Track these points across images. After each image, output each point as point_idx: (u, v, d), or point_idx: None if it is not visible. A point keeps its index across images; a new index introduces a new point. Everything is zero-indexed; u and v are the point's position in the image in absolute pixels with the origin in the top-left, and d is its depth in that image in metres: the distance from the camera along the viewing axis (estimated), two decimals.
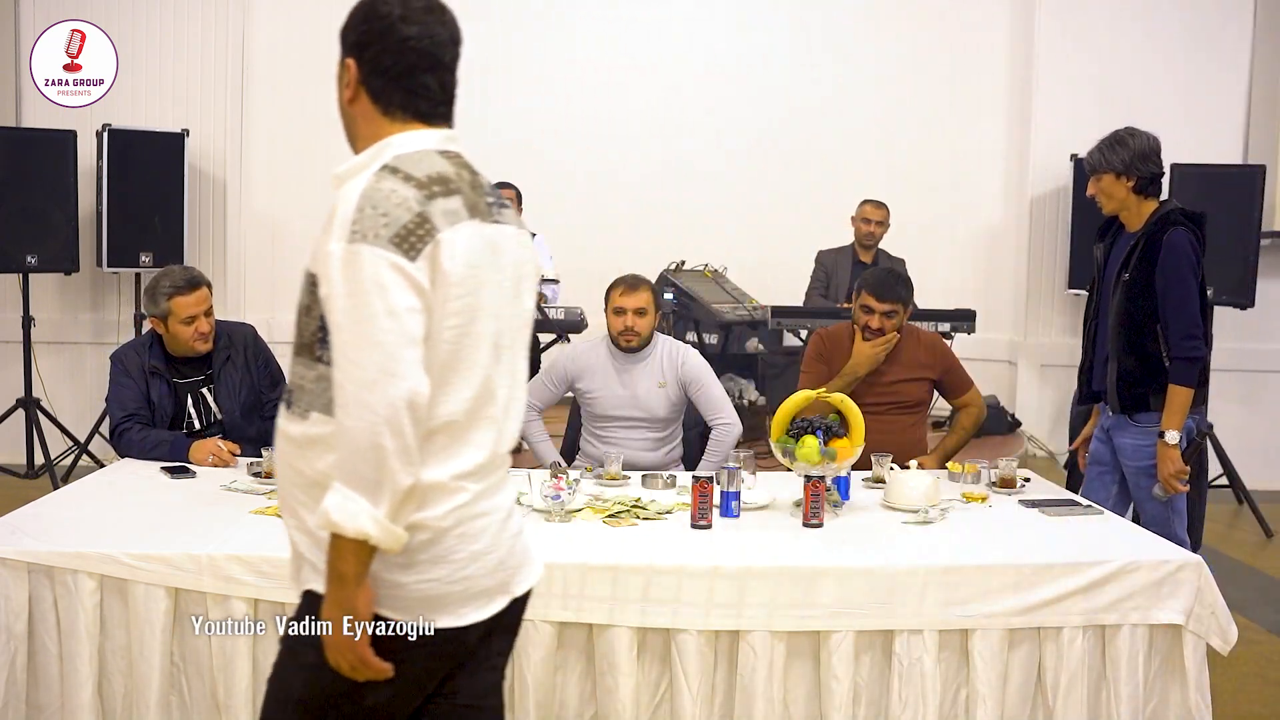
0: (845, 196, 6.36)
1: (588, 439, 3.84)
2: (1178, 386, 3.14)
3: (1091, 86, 6.59)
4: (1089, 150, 3.27)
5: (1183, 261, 3.13)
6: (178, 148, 6.11)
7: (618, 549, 2.51)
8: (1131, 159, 3.16)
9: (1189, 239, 3.15)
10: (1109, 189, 3.22)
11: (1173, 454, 3.14)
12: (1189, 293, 3.13)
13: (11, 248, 5.63)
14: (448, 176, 1.62)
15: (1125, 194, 3.20)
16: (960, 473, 3.25)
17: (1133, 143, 3.18)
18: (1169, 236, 3.14)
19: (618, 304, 3.71)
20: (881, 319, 3.62)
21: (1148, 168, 3.18)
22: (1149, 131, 3.24)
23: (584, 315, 5.60)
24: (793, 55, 7.27)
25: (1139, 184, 3.19)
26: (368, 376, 1.48)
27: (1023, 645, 2.45)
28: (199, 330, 3.38)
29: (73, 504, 2.83)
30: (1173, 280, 3.13)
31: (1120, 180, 3.19)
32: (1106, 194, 3.23)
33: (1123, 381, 3.23)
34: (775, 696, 2.38)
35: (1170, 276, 3.13)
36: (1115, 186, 3.20)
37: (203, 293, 3.41)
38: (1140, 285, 3.17)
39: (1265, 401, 6.53)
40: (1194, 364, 3.13)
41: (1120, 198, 3.21)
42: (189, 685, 2.41)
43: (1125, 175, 3.18)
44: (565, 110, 7.25)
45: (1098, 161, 3.22)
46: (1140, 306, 3.17)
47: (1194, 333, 3.13)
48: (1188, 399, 3.14)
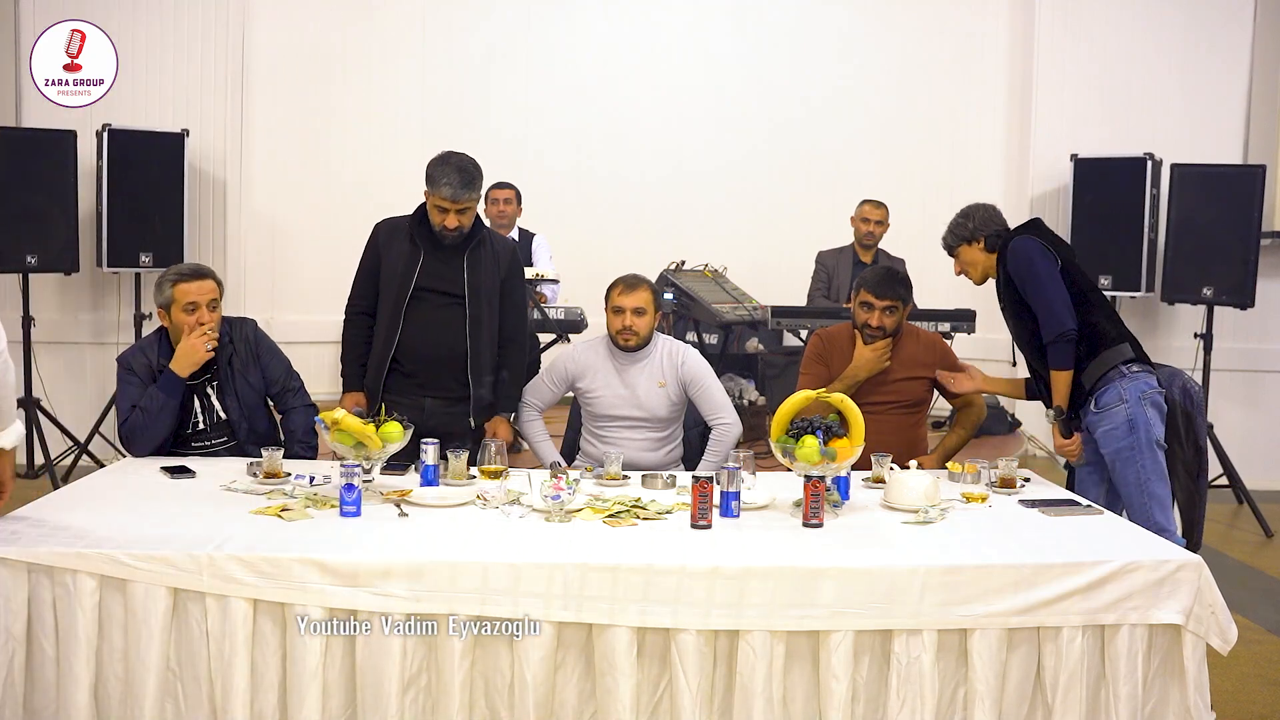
0: (845, 196, 6.36)
1: (588, 439, 3.84)
2: (1056, 371, 3.33)
3: (1092, 86, 6.60)
4: (941, 238, 3.58)
5: (1024, 260, 3.34)
6: (178, 148, 6.11)
7: (618, 549, 2.50)
8: (976, 225, 3.49)
9: (1024, 240, 3.38)
10: (969, 258, 3.52)
11: (1053, 432, 3.42)
12: (1041, 282, 3.31)
13: (11, 248, 5.63)
14: None
15: (983, 256, 3.49)
16: (960, 473, 3.25)
17: (976, 214, 3.51)
18: (1005, 251, 3.40)
19: (617, 303, 3.72)
20: (881, 315, 3.62)
21: (990, 227, 3.48)
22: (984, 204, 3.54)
23: (584, 315, 5.61)
24: (793, 56, 7.28)
25: (988, 242, 3.47)
26: None
27: (1022, 645, 2.45)
28: (199, 319, 3.37)
29: (73, 504, 2.83)
30: (1023, 279, 3.34)
31: (973, 246, 3.50)
32: (970, 264, 3.53)
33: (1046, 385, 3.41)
34: (774, 696, 2.38)
35: (1021, 279, 3.35)
36: (971, 252, 3.51)
37: (208, 284, 3.40)
38: (1013, 303, 3.41)
39: (1265, 401, 6.53)
40: (1061, 343, 3.30)
41: (981, 261, 3.50)
42: (185, 690, 2.40)
43: (973, 240, 3.49)
44: (566, 110, 7.26)
45: (950, 241, 3.54)
46: (1028, 319, 3.38)
47: (1056, 315, 3.29)
48: (1067, 380, 3.33)
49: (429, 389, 3.53)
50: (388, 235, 3.60)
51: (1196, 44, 6.59)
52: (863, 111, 7.25)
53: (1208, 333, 5.87)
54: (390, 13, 7.11)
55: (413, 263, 3.52)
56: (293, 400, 3.59)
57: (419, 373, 3.54)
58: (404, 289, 3.51)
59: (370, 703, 2.37)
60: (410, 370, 3.54)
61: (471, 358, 3.54)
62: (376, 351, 3.57)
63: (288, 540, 2.50)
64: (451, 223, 3.46)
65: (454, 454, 3.09)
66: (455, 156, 3.46)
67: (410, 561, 2.38)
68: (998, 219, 3.51)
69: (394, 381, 3.55)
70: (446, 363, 3.54)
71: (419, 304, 3.53)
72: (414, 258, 3.52)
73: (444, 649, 2.37)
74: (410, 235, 3.54)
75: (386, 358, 3.54)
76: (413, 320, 3.53)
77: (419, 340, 3.53)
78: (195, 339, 3.33)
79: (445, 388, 3.54)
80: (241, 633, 2.36)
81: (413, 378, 3.54)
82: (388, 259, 3.56)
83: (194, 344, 3.33)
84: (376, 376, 3.55)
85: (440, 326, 3.53)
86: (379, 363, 3.55)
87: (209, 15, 6.48)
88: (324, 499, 2.84)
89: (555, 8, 7.30)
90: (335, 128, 7.03)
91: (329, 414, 2.92)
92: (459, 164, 3.43)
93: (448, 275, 3.52)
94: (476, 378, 3.56)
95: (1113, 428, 3.27)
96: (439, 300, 3.53)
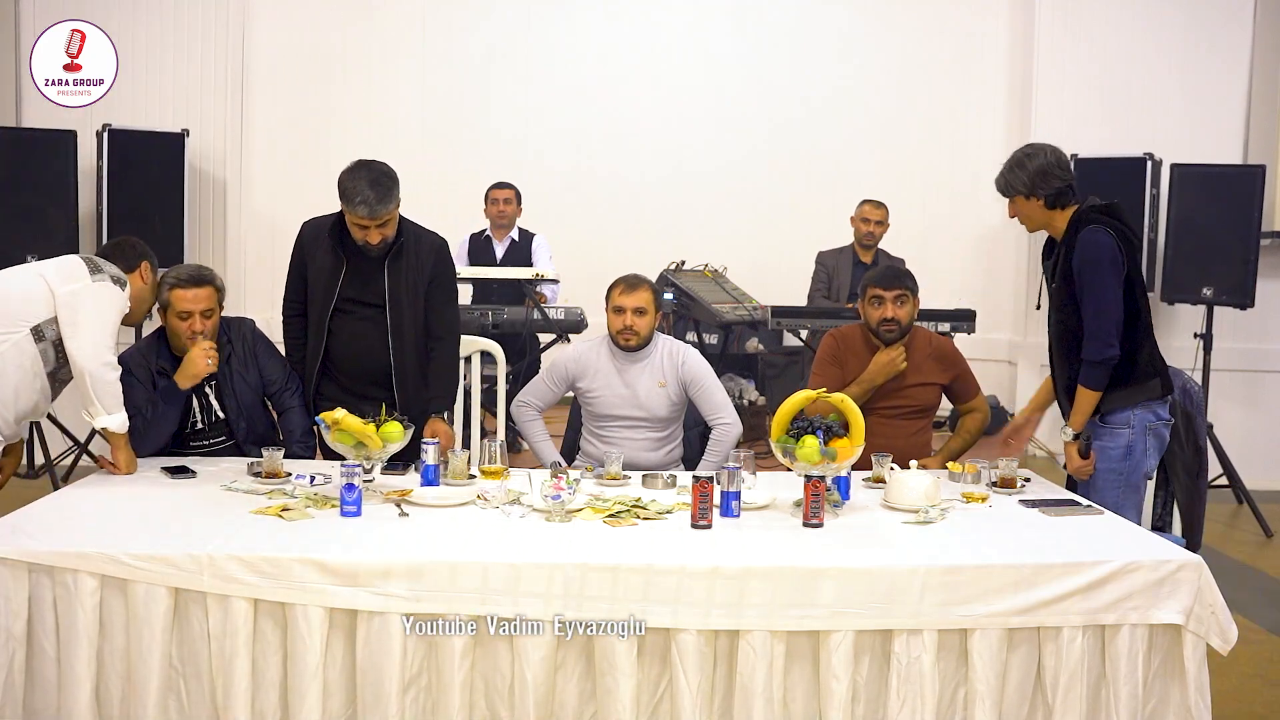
0: (845, 196, 6.37)
1: (588, 439, 3.84)
2: (1085, 389, 3.16)
3: (1092, 86, 6.60)
4: (996, 176, 3.27)
5: (1093, 259, 3.10)
6: (178, 148, 6.11)
7: (618, 549, 2.50)
8: (1032, 179, 3.17)
9: (1101, 234, 3.11)
10: (1025, 210, 3.23)
11: (1069, 450, 3.22)
12: (1101, 292, 3.10)
13: (11, 248, 5.63)
14: None
15: (1041, 212, 3.21)
16: (960, 473, 3.25)
17: (1031, 163, 3.18)
18: (1081, 236, 3.13)
19: (617, 303, 3.72)
20: (894, 306, 3.61)
21: (1051, 184, 3.17)
22: (1049, 145, 3.25)
23: (584, 315, 5.61)
24: (793, 56, 7.28)
25: (1049, 200, 3.18)
26: None
27: (1022, 645, 2.45)
28: (191, 328, 3.36)
29: (73, 504, 2.83)
30: (1085, 280, 3.13)
31: (1031, 200, 3.20)
32: (1025, 215, 3.25)
33: (1068, 394, 3.25)
34: (775, 696, 2.38)
35: (1081, 277, 3.13)
36: (1029, 207, 3.21)
37: (205, 291, 3.39)
38: (1067, 293, 3.17)
39: (1265, 401, 6.53)
40: (1101, 367, 3.12)
41: (1038, 217, 3.23)
42: (187, 688, 2.40)
43: (1032, 195, 3.19)
44: (566, 110, 7.26)
45: (1003, 186, 3.24)
46: (1072, 314, 3.17)
47: (1105, 335, 3.11)
48: (1093, 401, 3.16)
49: (364, 398, 3.42)
50: (312, 239, 3.54)
51: (1196, 44, 6.59)
52: (863, 111, 7.25)
53: (1207, 333, 5.87)
54: (390, 13, 7.11)
55: (335, 274, 3.47)
56: (290, 400, 3.59)
57: (352, 383, 3.54)
58: (327, 301, 3.49)
59: (370, 703, 2.37)
60: (344, 383, 3.55)
61: (395, 368, 3.52)
62: (307, 361, 3.57)
63: (288, 540, 2.50)
64: (374, 238, 3.37)
65: (454, 454, 3.09)
66: (366, 170, 3.30)
67: (410, 561, 2.38)
68: (1062, 172, 3.18)
69: (329, 389, 3.54)
70: (372, 373, 3.52)
71: (343, 315, 3.50)
72: (336, 269, 3.47)
73: (444, 649, 2.37)
74: (332, 245, 3.47)
75: (315, 367, 3.54)
76: (337, 332, 3.52)
77: (345, 351, 3.53)
78: (198, 352, 3.31)
79: (376, 397, 3.40)
80: (243, 632, 2.36)
81: (347, 388, 3.53)
82: (312, 265, 3.53)
83: (195, 358, 3.29)
84: (308, 387, 3.56)
85: (363, 337, 3.51)
86: (309, 371, 3.55)
87: (209, 15, 6.48)
88: (324, 499, 2.84)
89: (555, 8, 7.30)
90: (335, 128, 7.04)
91: (329, 414, 2.92)
92: (371, 178, 3.28)
93: (370, 285, 3.47)
94: (401, 386, 3.52)
95: (1111, 447, 3.20)
96: (362, 311, 3.50)
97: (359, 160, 3.37)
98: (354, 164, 3.35)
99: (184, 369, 3.32)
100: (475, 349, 3.94)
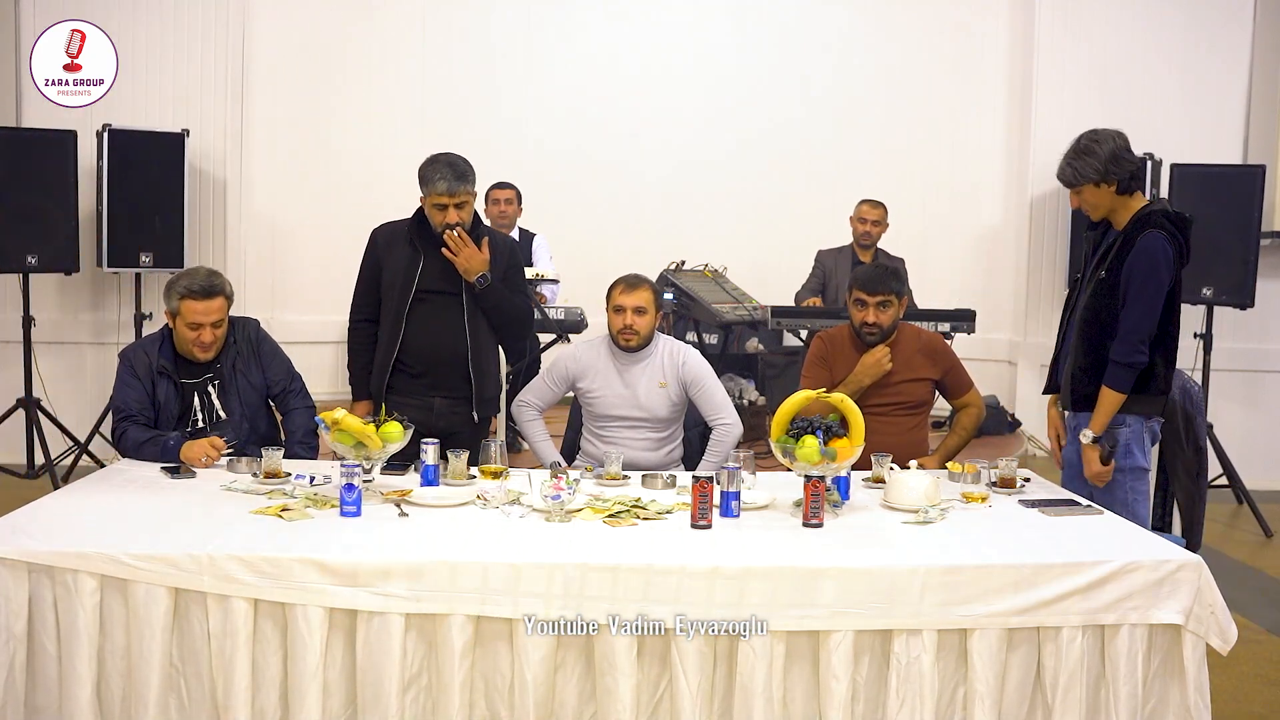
0: (845, 196, 6.36)
1: (588, 439, 3.84)
2: (1110, 390, 3.15)
3: (1092, 86, 6.60)
4: (1060, 166, 3.22)
5: (1149, 265, 3.10)
6: (178, 148, 6.11)
7: (618, 549, 2.50)
8: (1105, 165, 3.13)
9: (1163, 243, 3.11)
10: (1093, 199, 3.19)
11: (1090, 454, 3.19)
12: (1148, 299, 3.11)
13: (11, 248, 5.63)
14: None
15: (1110, 198, 3.18)
16: (960, 473, 3.25)
17: (1100, 149, 3.14)
18: (1142, 238, 3.12)
19: (618, 302, 3.72)
20: (876, 312, 3.63)
21: (1123, 168, 3.14)
22: (1111, 129, 3.21)
23: (584, 315, 5.61)
24: (793, 56, 7.29)
25: (1120, 185, 3.15)
26: None
27: (1022, 645, 2.45)
28: (200, 339, 3.38)
29: (73, 504, 2.83)
30: (1135, 283, 3.12)
31: (1101, 187, 3.16)
32: (1092, 204, 3.21)
33: (1076, 379, 3.24)
34: (775, 696, 2.38)
35: (1133, 279, 3.12)
36: (1098, 194, 3.18)
37: (217, 303, 3.40)
38: (1110, 284, 3.16)
39: (1265, 401, 6.54)
40: (1130, 370, 3.13)
41: (1106, 204, 3.19)
42: (188, 687, 2.41)
43: (1104, 181, 3.15)
44: (566, 111, 7.27)
45: (1071, 176, 3.19)
46: (1107, 305, 3.16)
47: (1141, 341, 3.12)
48: (1117, 403, 3.15)
49: (437, 389, 3.56)
50: (387, 241, 3.61)
51: (1196, 44, 6.59)
52: (863, 111, 7.25)
53: (1207, 333, 5.87)
54: (390, 13, 7.12)
55: (414, 266, 3.53)
56: (294, 401, 3.59)
57: (426, 373, 3.56)
58: (406, 292, 3.53)
59: (370, 702, 2.37)
60: (418, 371, 3.56)
61: (472, 353, 3.56)
62: (380, 356, 3.59)
63: (288, 540, 2.50)
64: (453, 218, 3.47)
65: (454, 454, 3.09)
66: (444, 155, 3.52)
67: (410, 561, 2.38)
68: (1130, 155, 3.16)
69: (401, 383, 3.56)
70: (450, 361, 3.56)
71: (421, 305, 3.54)
72: (415, 261, 3.53)
73: (444, 649, 2.37)
74: (410, 239, 3.55)
75: (389, 362, 3.55)
76: (415, 322, 3.54)
77: (423, 341, 3.55)
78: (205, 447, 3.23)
79: (451, 386, 3.56)
80: (243, 632, 2.36)
81: (420, 378, 3.56)
82: (389, 264, 3.58)
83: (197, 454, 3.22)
84: (380, 381, 3.57)
85: (442, 326, 3.55)
86: (381, 368, 3.57)
87: (209, 15, 6.48)
88: (324, 499, 2.84)
89: (556, 8, 7.30)
90: (335, 128, 7.04)
91: (329, 414, 2.92)
92: (449, 160, 3.50)
93: (448, 274, 3.53)
94: (478, 370, 3.58)
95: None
96: (441, 301, 3.55)
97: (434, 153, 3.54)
98: (431, 155, 3.52)
99: (187, 450, 3.24)
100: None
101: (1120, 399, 3.14)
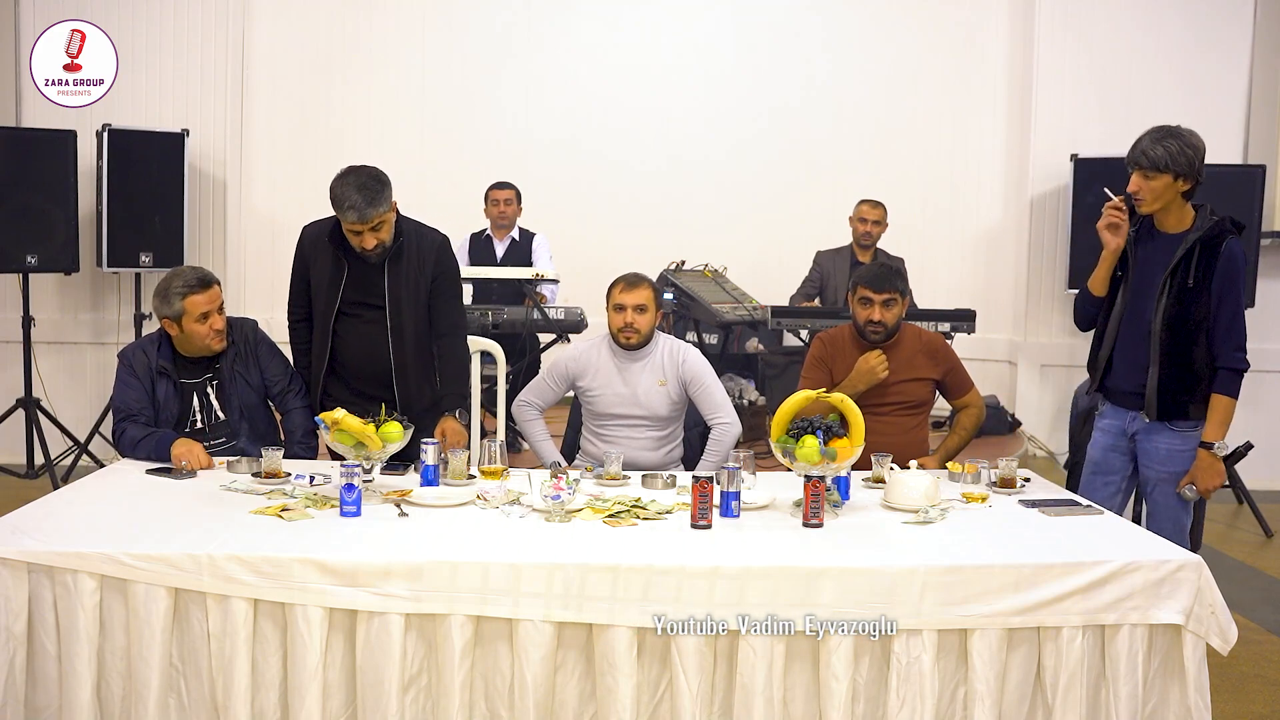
0: (845, 196, 6.36)
1: (588, 438, 3.84)
2: (1223, 396, 3.12)
3: (1092, 86, 6.60)
4: (1143, 146, 3.09)
5: (1238, 270, 3.09)
6: (178, 148, 6.12)
7: (618, 549, 2.50)
8: (1195, 165, 3.05)
9: (1239, 246, 3.11)
10: (1161, 190, 3.08)
11: (1220, 466, 3.13)
12: (1241, 304, 3.12)
13: (11, 248, 5.64)
14: None
15: (1175, 196, 3.10)
16: (960, 473, 3.25)
17: (1197, 145, 3.07)
18: (1229, 245, 3.08)
19: (618, 300, 3.72)
20: (881, 310, 3.62)
21: (1201, 173, 3.08)
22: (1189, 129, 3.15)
23: (584, 315, 5.61)
24: (793, 55, 7.28)
25: (1193, 189, 3.10)
26: None
27: (1022, 645, 2.45)
28: (214, 327, 3.41)
29: (73, 504, 2.83)
30: (1229, 290, 3.09)
31: (1177, 183, 3.07)
32: (1155, 194, 3.09)
33: (1165, 389, 3.16)
34: (775, 696, 2.38)
35: (1227, 286, 3.09)
36: (1170, 188, 3.08)
37: (215, 290, 3.43)
38: (1197, 293, 3.10)
39: (1265, 401, 6.52)
40: (1239, 375, 3.13)
41: (1168, 200, 3.10)
42: (187, 687, 2.41)
43: (1184, 178, 3.07)
44: (566, 111, 7.27)
45: (1161, 160, 3.05)
46: (1193, 314, 3.11)
47: (1243, 345, 3.13)
48: (1232, 409, 3.13)
49: (368, 397, 3.45)
50: (313, 244, 3.56)
51: (1196, 44, 6.59)
52: (863, 111, 7.25)
53: None
54: (390, 13, 7.12)
55: (337, 279, 3.49)
56: (293, 401, 3.59)
57: (354, 382, 3.57)
58: (330, 305, 3.51)
59: (370, 703, 2.37)
60: (348, 379, 3.57)
61: (395, 368, 3.53)
62: (314, 364, 3.59)
63: (288, 540, 2.50)
64: (369, 243, 3.37)
65: (454, 454, 3.09)
66: (354, 175, 3.32)
67: (410, 561, 2.38)
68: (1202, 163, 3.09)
69: (336, 389, 3.56)
70: (375, 373, 3.54)
71: (346, 318, 3.53)
72: (338, 273, 3.49)
73: (444, 649, 2.37)
74: (333, 250, 3.49)
75: (321, 370, 3.56)
76: (342, 334, 3.54)
77: (349, 353, 3.55)
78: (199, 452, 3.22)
79: (380, 398, 3.37)
80: (242, 632, 2.36)
81: (350, 387, 3.57)
82: (315, 269, 3.55)
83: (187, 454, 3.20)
84: (315, 389, 3.58)
85: (367, 342, 3.53)
86: (315, 377, 3.58)
87: (209, 15, 6.48)
88: (324, 499, 2.84)
89: (555, 8, 7.30)
90: (335, 128, 7.04)
91: (329, 414, 2.92)
92: (358, 183, 3.29)
93: (371, 287, 3.49)
94: (402, 385, 3.54)
95: (1187, 450, 3.17)
96: (365, 313, 3.52)
97: (347, 166, 3.37)
98: (342, 171, 3.36)
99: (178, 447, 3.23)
100: (475, 349, 3.95)
101: (1233, 404, 3.13)
